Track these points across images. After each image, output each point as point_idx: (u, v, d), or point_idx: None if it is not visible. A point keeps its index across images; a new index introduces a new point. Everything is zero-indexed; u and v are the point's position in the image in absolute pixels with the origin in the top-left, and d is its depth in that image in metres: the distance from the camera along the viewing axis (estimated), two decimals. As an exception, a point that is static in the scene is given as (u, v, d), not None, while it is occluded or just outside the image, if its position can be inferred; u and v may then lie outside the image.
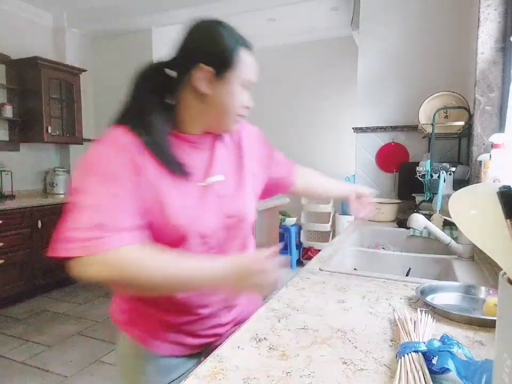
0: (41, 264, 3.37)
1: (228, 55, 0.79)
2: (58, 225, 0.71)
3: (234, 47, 0.79)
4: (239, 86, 0.81)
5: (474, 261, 1.32)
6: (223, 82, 0.80)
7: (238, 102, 0.82)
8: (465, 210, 0.53)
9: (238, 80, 0.81)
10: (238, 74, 0.80)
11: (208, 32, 0.81)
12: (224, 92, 0.80)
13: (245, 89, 0.83)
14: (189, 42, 0.82)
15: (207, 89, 0.79)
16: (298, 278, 1.13)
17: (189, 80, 0.79)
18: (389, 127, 2.58)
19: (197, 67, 0.78)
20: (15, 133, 3.68)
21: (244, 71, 0.81)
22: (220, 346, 0.70)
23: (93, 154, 0.77)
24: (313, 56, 4.32)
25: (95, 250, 0.68)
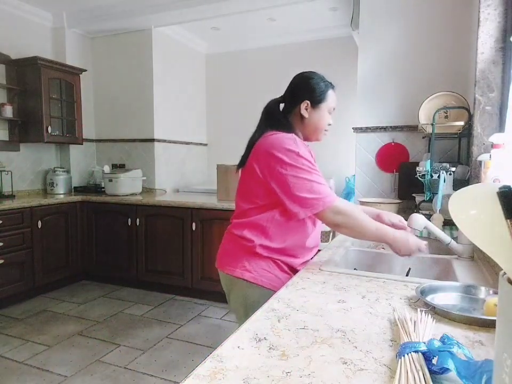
0: (41, 264, 3.37)
1: (320, 93, 1.31)
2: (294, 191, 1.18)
3: (324, 88, 1.32)
4: (326, 112, 1.33)
5: (474, 261, 1.32)
6: (317, 110, 1.32)
7: (325, 122, 1.33)
8: (465, 210, 0.53)
9: (326, 108, 1.32)
10: (326, 105, 1.32)
11: (308, 79, 1.35)
12: (316, 116, 1.32)
13: (329, 114, 1.34)
14: (295, 87, 1.37)
15: (307, 114, 1.32)
16: (298, 278, 1.13)
17: (296, 109, 1.33)
18: (389, 127, 2.58)
19: (303, 102, 1.31)
20: (15, 133, 3.68)
21: (330, 102, 1.33)
22: (219, 346, 0.70)
23: (298, 148, 1.20)
24: (313, 56, 4.32)
25: (330, 204, 1.17)
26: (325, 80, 1.35)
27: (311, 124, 1.32)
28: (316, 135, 1.35)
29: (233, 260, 1.32)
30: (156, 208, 3.48)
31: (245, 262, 1.28)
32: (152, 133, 4.10)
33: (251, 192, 1.29)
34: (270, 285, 1.25)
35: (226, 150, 4.79)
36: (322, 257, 1.39)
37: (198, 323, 2.93)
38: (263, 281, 1.26)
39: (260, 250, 1.26)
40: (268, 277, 1.26)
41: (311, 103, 1.30)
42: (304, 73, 1.38)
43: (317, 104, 1.30)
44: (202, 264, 3.34)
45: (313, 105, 1.30)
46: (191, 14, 3.65)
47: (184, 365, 2.34)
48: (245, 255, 1.29)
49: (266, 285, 1.25)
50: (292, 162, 1.17)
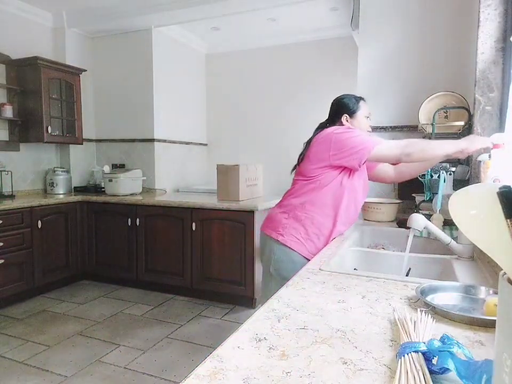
0: (41, 264, 3.37)
1: (353, 105, 1.71)
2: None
3: (355, 102, 1.72)
4: (363, 118, 1.72)
5: (474, 261, 1.32)
6: (354, 119, 1.71)
7: (365, 125, 1.74)
8: (465, 210, 0.53)
9: (362, 115, 1.72)
10: (361, 113, 1.72)
11: (341, 101, 1.75)
12: (357, 122, 1.71)
13: (367, 119, 1.74)
14: (333, 107, 1.77)
15: (347, 122, 1.71)
16: (298, 278, 1.13)
17: (339, 121, 1.72)
18: (389, 127, 2.58)
19: (342, 116, 1.72)
20: (15, 133, 3.68)
21: (363, 110, 1.72)
22: (219, 346, 0.70)
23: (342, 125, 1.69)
24: (313, 56, 4.32)
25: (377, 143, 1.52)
26: (355, 95, 1.75)
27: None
28: None
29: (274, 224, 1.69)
30: (156, 208, 3.48)
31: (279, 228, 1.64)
32: (152, 133, 4.10)
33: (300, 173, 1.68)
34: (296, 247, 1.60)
35: (226, 150, 4.79)
36: (323, 257, 1.39)
37: (198, 323, 2.93)
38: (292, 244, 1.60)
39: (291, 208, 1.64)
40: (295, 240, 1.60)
41: (349, 115, 1.70)
42: (337, 97, 1.77)
43: (353, 114, 1.70)
44: (202, 264, 3.34)
45: (350, 116, 1.70)
46: (191, 14, 3.65)
47: (184, 365, 2.34)
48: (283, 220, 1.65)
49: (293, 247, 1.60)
50: (343, 132, 1.57)
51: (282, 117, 4.44)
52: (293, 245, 1.60)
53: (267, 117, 4.52)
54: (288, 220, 1.64)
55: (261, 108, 4.60)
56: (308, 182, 1.63)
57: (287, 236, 1.62)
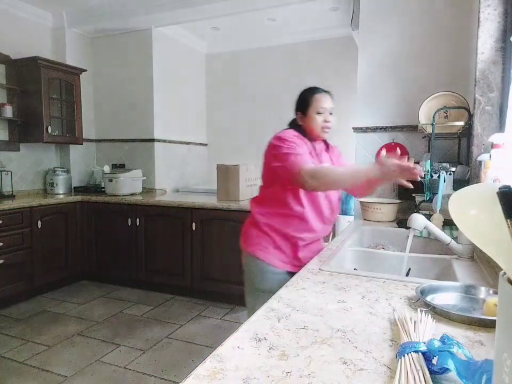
0: (41, 264, 3.37)
1: (305, 102, 1.56)
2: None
3: (308, 97, 1.56)
4: (315, 114, 1.54)
5: (474, 261, 1.32)
6: (307, 116, 1.56)
7: (316, 123, 1.54)
8: (465, 210, 0.53)
9: (314, 111, 1.54)
10: (312, 109, 1.54)
11: (298, 96, 1.61)
12: (308, 121, 1.56)
13: (320, 115, 1.54)
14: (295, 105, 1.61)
15: (301, 122, 1.59)
16: (298, 278, 1.13)
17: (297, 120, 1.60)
18: (389, 127, 2.58)
19: (297, 114, 1.60)
20: (15, 133, 3.68)
21: (315, 106, 1.54)
22: (219, 346, 0.70)
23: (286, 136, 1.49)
24: (313, 56, 4.32)
25: (302, 167, 1.38)
26: (313, 89, 1.59)
27: (307, 128, 1.57)
28: (315, 134, 1.58)
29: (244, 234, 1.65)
30: (155, 208, 3.48)
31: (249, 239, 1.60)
32: (152, 133, 4.10)
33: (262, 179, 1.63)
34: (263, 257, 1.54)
35: (226, 150, 4.79)
36: (323, 257, 1.39)
37: (198, 323, 2.93)
38: (260, 254, 1.54)
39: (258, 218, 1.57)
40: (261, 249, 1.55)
41: (302, 112, 1.58)
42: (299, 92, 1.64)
43: (305, 112, 1.56)
44: (202, 264, 3.34)
45: (303, 113, 1.57)
46: (191, 14, 3.65)
47: (184, 365, 2.34)
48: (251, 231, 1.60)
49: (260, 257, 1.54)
50: (277, 143, 1.48)
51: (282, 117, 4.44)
52: (261, 255, 1.54)
53: (267, 117, 4.52)
54: (255, 229, 1.59)
55: (261, 108, 4.59)
56: (268, 190, 1.58)
57: (255, 245, 1.57)
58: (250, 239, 1.59)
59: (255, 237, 1.57)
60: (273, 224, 1.53)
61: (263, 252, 1.54)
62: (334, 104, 1.59)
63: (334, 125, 1.58)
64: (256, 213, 1.59)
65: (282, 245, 1.54)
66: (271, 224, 1.54)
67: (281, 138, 1.49)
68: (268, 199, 1.58)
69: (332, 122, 1.56)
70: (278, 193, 1.52)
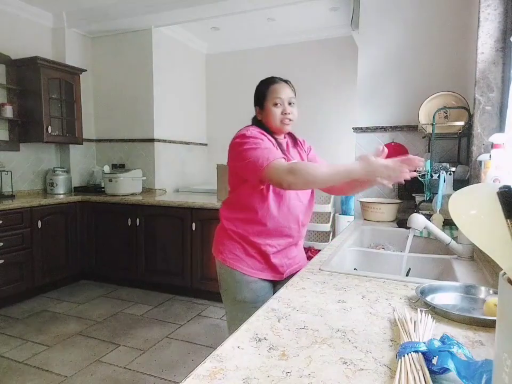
0: (41, 264, 3.37)
1: (260, 96, 1.46)
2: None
3: (263, 89, 1.45)
4: (272, 107, 1.42)
5: (474, 261, 1.32)
6: (264, 110, 1.45)
7: (274, 116, 1.42)
8: (465, 210, 0.53)
9: (270, 104, 1.42)
10: (269, 101, 1.42)
11: (255, 90, 1.51)
12: (266, 114, 1.45)
13: (277, 106, 1.42)
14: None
15: (260, 117, 1.48)
16: (298, 278, 1.13)
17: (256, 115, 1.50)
18: (389, 127, 2.58)
19: (255, 108, 1.51)
20: (15, 133, 3.68)
21: (272, 97, 1.42)
22: (219, 346, 0.70)
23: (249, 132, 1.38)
24: (313, 56, 4.32)
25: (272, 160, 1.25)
26: (268, 80, 1.48)
27: (267, 122, 1.46)
28: (276, 128, 1.45)
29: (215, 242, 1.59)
30: (156, 208, 3.48)
31: (220, 246, 1.52)
32: (152, 133, 4.10)
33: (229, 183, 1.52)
34: (235, 266, 1.45)
35: (226, 150, 4.76)
36: (323, 257, 1.39)
37: (198, 323, 2.93)
38: (231, 263, 1.46)
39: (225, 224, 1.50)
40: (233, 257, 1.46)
41: (259, 106, 1.48)
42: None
43: (262, 105, 1.45)
44: (202, 264, 3.34)
45: (260, 107, 1.47)
46: (191, 14, 3.64)
47: (184, 365, 2.34)
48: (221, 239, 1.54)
49: (233, 266, 1.45)
50: (240, 141, 1.37)
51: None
52: (232, 264, 1.45)
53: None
54: (224, 236, 1.50)
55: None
56: (234, 193, 1.47)
57: (226, 253, 1.47)
58: (221, 247, 1.50)
59: (225, 245, 1.48)
60: (240, 231, 1.43)
61: (234, 261, 1.45)
62: (293, 93, 1.47)
63: (295, 116, 1.44)
64: (223, 218, 1.51)
65: (253, 252, 1.43)
66: (237, 231, 1.44)
67: (244, 135, 1.36)
68: (233, 203, 1.47)
69: (293, 114, 1.43)
70: (244, 197, 1.41)
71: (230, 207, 1.49)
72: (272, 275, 1.47)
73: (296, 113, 1.46)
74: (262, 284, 1.45)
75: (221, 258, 1.50)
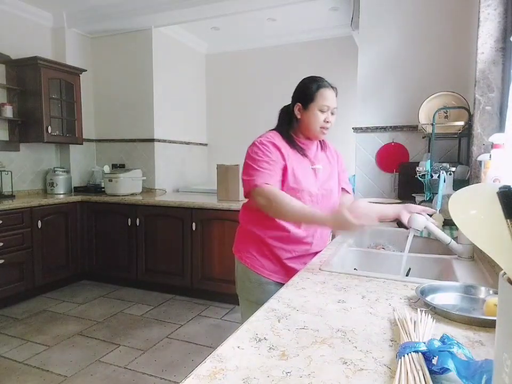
0: (41, 264, 3.37)
1: (309, 95, 1.39)
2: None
3: (314, 89, 1.39)
4: (318, 111, 1.39)
5: (474, 261, 1.32)
6: (307, 111, 1.41)
7: (316, 121, 1.40)
8: (465, 210, 0.53)
9: (316, 108, 1.39)
10: (315, 104, 1.39)
11: (300, 84, 1.46)
12: (307, 116, 1.41)
13: (322, 113, 1.39)
14: (293, 92, 1.47)
15: (299, 115, 1.43)
16: (298, 278, 1.13)
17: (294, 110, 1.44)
18: (389, 127, 2.58)
19: (296, 104, 1.43)
20: (15, 133, 3.68)
21: (320, 101, 1.38)
22: (220, 346, 0.70)
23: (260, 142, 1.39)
24: (313, 56, 4.32)
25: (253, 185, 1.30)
26: (319, 81, 1.42)
27: (304, 124, 1.44)
28: (311, 134, 1.45)
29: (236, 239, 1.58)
30: (155, 208, 3.48)
31: (238, 245, 1.54)
32: (152, 133, 4.10)
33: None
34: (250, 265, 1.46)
35: (226, 150, 4.79)
36: (323, 257, 1.39)
37: (198, 323, 2.93)
38: (246, 261, 1.47)
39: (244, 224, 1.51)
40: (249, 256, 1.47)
41: (302, 105, 1.42)
42: (302, 79, 1.47)
43: (307, 105, 1.40)
44: (202, 264, 3.34)
45: (304, 106, 1.41)
46: (191, 14, 3.65)
47: (184, 365, 2.34)
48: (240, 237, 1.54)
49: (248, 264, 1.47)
50: (248, 151, 1.41)
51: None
52: (247, 262, 1.46)
53: (267, 117, 4.51)
54: (243, 235, 1.52)
55: (261, 108, 4.59)
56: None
57: (243, 252, 1.49)
58: (239, 245, 1.52)
59: (243, 243, 1.50)
60: (257, 232, 1.45)
61: (249, 259, 1.46)
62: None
63: (332, 126, 1.45)
64: (242, 220, 1.54)
65: (267, 253, 1.44)
66: (255, 231, 1.45)
67: (256, 146, 1.39)
68: (253, 208, 1.45)
69: (332, 123, 1.43)
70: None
71: (250, 210, 1.50)
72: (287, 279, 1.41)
73: (333, 123, 1.45)
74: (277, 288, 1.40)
75: (238, 256, 1.51)
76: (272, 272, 1.44)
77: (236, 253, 1.53)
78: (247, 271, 1.46)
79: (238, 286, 1.54)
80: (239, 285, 1.52)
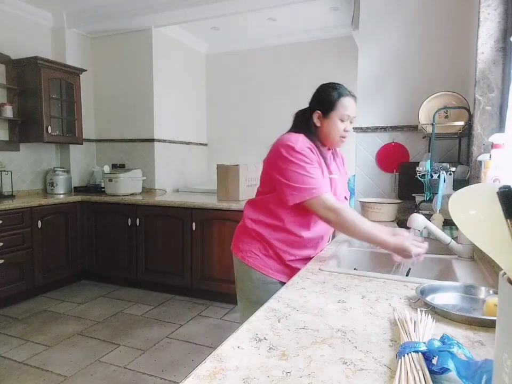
0: (41, 264, 3.37)
1: (330, 103, 1.37)
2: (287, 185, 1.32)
3: (335, 98, 1.37)
4: (337, 120, 1.38)
5: (474, 261, 1.32)
6: (327, 119, 1.39)
7: (336, 130, 1.39)
8: (465, 210, 0.53)
9: (337, 117, 1.37)
10: (336, 113, 1.37)
11: (320, 91, 1.43)
12: (327, 125, 1.40)
13: (342, 122, 1.38)
14: (312, 98, 1.45)
15: (318, 123, 1.41)
16: (298, 278, 1.13)
17: (312, 116, 1.41)
18: (389, 127, 2.58)
19: (315, 112, 1.41)
20: (15, 133, 3.68)
21: (341, 110, 1.37)
22: (220, 346, 0.70)
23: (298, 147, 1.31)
24: (313, 56, 4.32)
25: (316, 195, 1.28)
26: (340, 89, 1.40)
27: (323, 132, 1.41)
28: (329, 142, 1.43)
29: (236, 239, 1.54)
30: (156, 208, 3.48)
31: (239, 244, 1.50)
32: (152, 133, 4.10)
33: (260, 182, 1.50)
34: (253, 264, 1.44)
35: (226, 150, 4.79)
36: (323, 257, 1.39)
37: (198, 323, 2.93)
38: (249, 261, 1.44)
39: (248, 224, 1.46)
40: (251, 256, 1.45)
41: (322, 112, 1.39)
42: (322, 85, 1.45)
43: (327, 114, 1.38)
44: (202, 264, 3.34)
45: (324, 114, 1.39)
46: (191, 14, 3.65)
47: (184, 365, 2.34)
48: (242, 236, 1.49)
49: (251, 264, 1.44)
50: (287, 155, 1.32)
51: (282, 117, 4.44)
52: (250, 262, 1.43)
53: (267, 117, 4.52)
54: (245, 234, 1.48)
55: (261, 108, 4.59)
56: (264, 194, 1.45)
57: (245, 252, 1.45)
58: (241, 244, 1.48)
59: (245, 242, 1.47)
60: (262, 233, 1.42)
61: (252, 259, 1.43)
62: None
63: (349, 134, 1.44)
64: (247, 218, 1.48)
65: (272, 253, 1.43)
66: (260, 232, 1.43)
67: (293, 149, 1.31)
68: (261, 206, 1.45)
69: (350, 132, 1.43)
70: (273, 204, 1.39)
71: (256, 210, 1.46)
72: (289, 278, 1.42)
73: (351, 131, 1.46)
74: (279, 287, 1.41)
75: (240, 256, 1.47)
76: (275, 271, 1.42)
77: (237, 252, 1.49)
78: (249, 270, 1.44)
79: (238, 286, 1.52)
80: (240, 284, 1.50)
